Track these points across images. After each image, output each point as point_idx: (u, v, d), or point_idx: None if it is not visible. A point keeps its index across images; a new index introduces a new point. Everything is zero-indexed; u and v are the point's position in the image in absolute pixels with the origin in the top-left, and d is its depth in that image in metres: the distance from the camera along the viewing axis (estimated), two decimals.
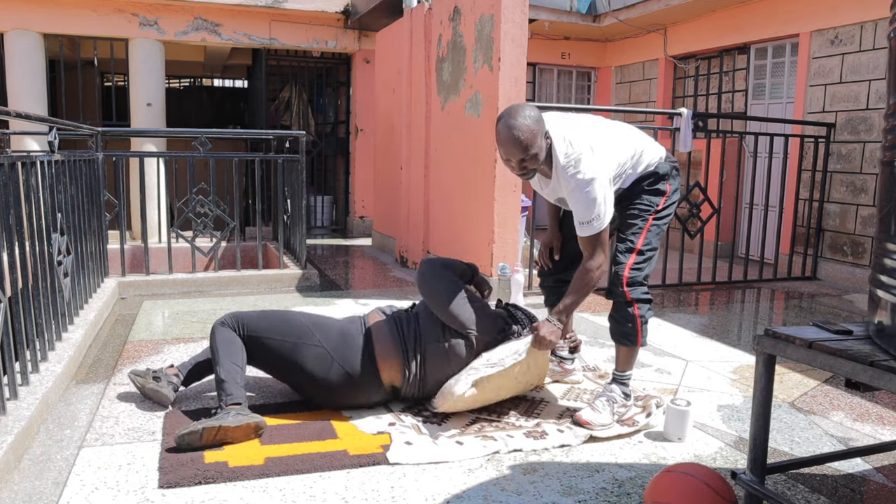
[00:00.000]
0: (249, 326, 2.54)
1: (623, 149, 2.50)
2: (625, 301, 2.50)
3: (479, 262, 4.77)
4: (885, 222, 1.64)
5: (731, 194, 6.35)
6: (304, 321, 2.58)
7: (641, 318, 2.51)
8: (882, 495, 2.10)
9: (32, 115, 2.90)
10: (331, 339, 2.51)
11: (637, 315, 2.50)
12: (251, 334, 2.52)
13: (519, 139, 2.28)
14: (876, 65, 5.46)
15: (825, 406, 2.84)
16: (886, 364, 1.49)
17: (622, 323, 2.53)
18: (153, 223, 6.42)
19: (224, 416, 2.25)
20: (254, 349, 2.53)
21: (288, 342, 2.50)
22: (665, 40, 7.82)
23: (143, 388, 2.62)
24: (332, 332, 2.55)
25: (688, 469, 1.83)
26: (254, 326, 2.54)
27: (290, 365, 2.52)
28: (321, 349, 2.49)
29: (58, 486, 1.98)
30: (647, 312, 2.53)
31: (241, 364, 2.46)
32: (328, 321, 2.63)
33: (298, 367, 2.50)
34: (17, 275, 2.49)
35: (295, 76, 9.52)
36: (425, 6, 5.66)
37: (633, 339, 2.54)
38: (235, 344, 2.49)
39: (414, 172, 5.90)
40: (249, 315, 2.59)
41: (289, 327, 2.54)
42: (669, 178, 2.60)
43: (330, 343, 2.50)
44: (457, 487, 2.04)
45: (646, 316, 2.53)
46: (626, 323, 2.52)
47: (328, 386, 2.50)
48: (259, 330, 2.53)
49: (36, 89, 7.39)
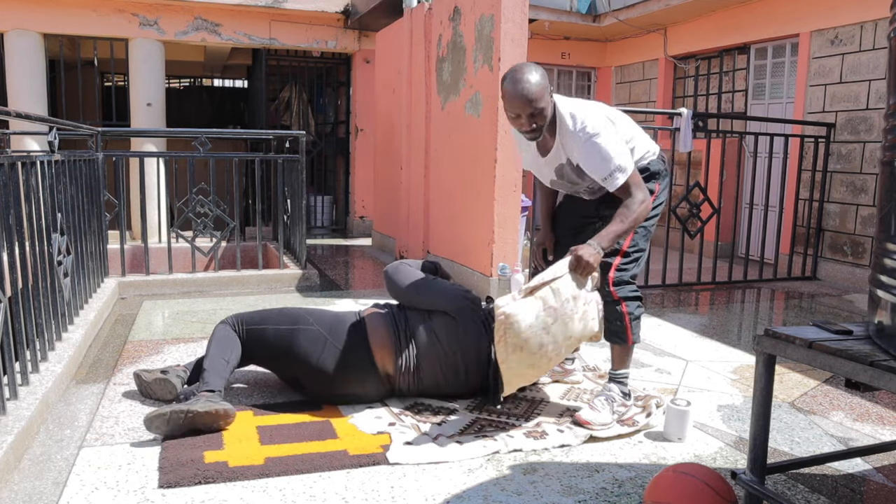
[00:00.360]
0: (248, 321, 2.66)
1: (624, 126, 2.51)
2: (612, 300, 2.52)
3: (479, 262, 4.77)
4: (885, 222, 1.64)
5: (731, 194, 6.35)
6: (300, 310, 2.71)
7: (630, 314, 2.53)
8: (882, 495, 2.10)
9: (32, 115, 2.90)
10: (325, 322, 2.61)
11: (625, 313, 2.52)
12: (249, 327, 2.63)
13: (527, 92, 2.28)
14: (876, 65, 5.46)
15: (825, 406, 2.84)
16: (886, 364, 1.48)
17: (611, 321, 2.55)
18: (153, 223, 6.42)
19: (194, 402, 2.31)
20: (253, 344, 2.61)
21: (283, 328, 2.60)
22: (665, 40, 7.82)
23: (148, 383, 2.65)
24: (326, 315, 2.67)
25: (688, 469, 1.83)
26: (252, 320, 2.67)
27: (286, 351, 2.58)
28: (315, 329, 2.58)
29: (58, 486, 1.98)
30: (636, 310, 2.55)
31: (228, 359, 2.53)
32: (324, 310, 2.74)
33: (293, 353, 2.56)
34: (17, 275, 2.49)
35: (295, 76, 9.52)
36: (425, 6, 5.66)
37: (624, 337, 2.55)
38: (229, 341, 2.59)
39: (414, 172, 5.90)
40: (249, 313, 2.73)
41: (284, 316, 2.66)
42: (660, 178, 2.60)
43: (324, 325, 2.60)
44: (457, 487, 2.04)
45: (634, 313, 2.54)
46: (615, 321, 2.54)
47: (323, 370, 2.53)
48: (256, 321, 2.65)
49: (36, 89, 7.39)
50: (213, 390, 2.41)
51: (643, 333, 3.84)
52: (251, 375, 2.97)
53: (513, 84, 2.30)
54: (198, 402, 2.29)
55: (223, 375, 2.48)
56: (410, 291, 2.71)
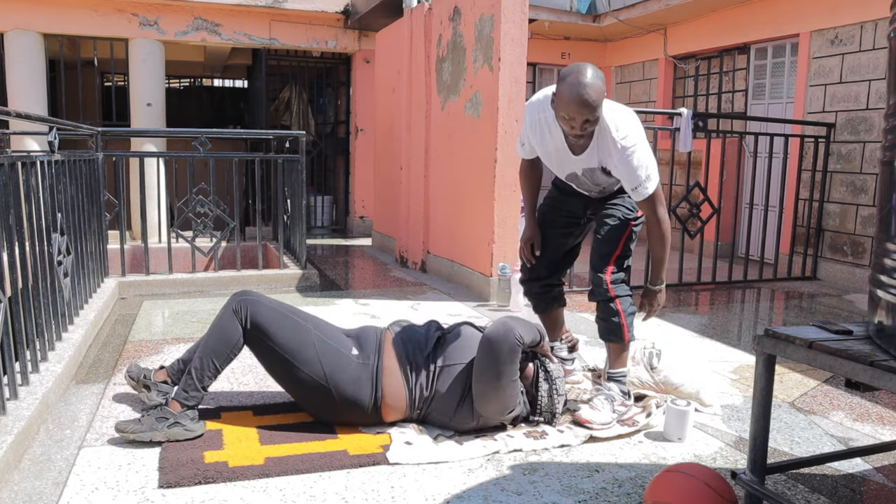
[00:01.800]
0: (257, 322, 2.34)
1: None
2: (608, 298, 2.55)
3: (479, 262, 4.77)
4: (885, 222, 1.64)
5: (731, 194, 6.35)
6: (312, 355, 2.32)
7: (625, 311, 2.55)
8: (882, 495, 2.10)
9: (32, 115, 2.90)
10: (340, 386, 2.30)
11: (620, 310, 2.55)
12: (255, 325, 2.33)
13: (591, 100, 2.22)
14: (876, 65, 5.46)
15: (825, 406, 2.84)
16: (886, 364, 1.48)
17: (607, 319, 2.57)
18: (153, 223, 6.42)
19: (161, 426, 2.21)
20: (254, 342, 2.38)
21: (289, 361, 2.32)
22: (665, 40, 7.82)
23: (133, 385, 2.61)
24: (343, 377, 2.31)
25: (688, 469, 1.83)
26: (262, 324, 2.33)
27: (285, 381, 2.41)
28: (326, 390, 2.31)
29: (58, 486, 1.98)
30: (629, 307, 2.58)
31: (221, 364, 2.33)
32: (340, 357, 2.34)
33: (290, 384, 2.39)
34: (17, 275, 2.49)
35: (295, 76, 9.52)
36: (425, 6, 5.66)
37: (620, 335, 2.57)
38: (230, 344, 2.33)
39: (414, 172, 5.90)
40: (265, 310, 2.36)
41: (292, 334, 2.33)
42: None
43: (338, 389, 2.30)
44: (457, 487, 2.04)
45: (629, 310, 2.57)
46: (611, 318, 2.56)
47: (321, 411, 2.40)
48: (264, 324, 2.33)
49: (36, 89, 7.39)
50: (190, 405, 2.28)
51: (643, 333, 3.84)
52: (251, 375, 2.97)
53: (576, 88, 2.21)
54: (162, 429, 2.21)
55: (205, 383, 2.31)
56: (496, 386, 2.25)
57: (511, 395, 2.28)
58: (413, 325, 2.56)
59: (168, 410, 2.26)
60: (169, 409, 2.27)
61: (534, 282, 2.87)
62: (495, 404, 2.28)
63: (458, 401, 2.33)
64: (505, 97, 4.44)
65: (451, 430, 2.39)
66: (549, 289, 2.87)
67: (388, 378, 2.34)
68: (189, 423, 2.26)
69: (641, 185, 2.39)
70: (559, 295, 2.91)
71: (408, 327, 2.52)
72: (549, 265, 2.83)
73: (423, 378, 2.36)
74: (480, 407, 2.29)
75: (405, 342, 2.42)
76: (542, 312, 2.93)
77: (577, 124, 2.28)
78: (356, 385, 2.31)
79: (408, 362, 2.37)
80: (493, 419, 2.36)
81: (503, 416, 2.36)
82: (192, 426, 2.27)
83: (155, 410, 2.28)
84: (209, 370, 2.32)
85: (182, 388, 2.31)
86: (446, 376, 2.35)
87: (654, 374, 2.75)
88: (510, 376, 2.24)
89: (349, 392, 2.31)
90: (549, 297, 2.89)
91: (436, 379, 2.36)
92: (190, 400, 2.29)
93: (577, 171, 2.58)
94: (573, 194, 2.74)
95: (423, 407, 2.38)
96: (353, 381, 2.31)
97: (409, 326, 2.53)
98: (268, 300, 2.41)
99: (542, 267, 2.83)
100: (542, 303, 2.90)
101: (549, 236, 2.80)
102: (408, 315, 4.23)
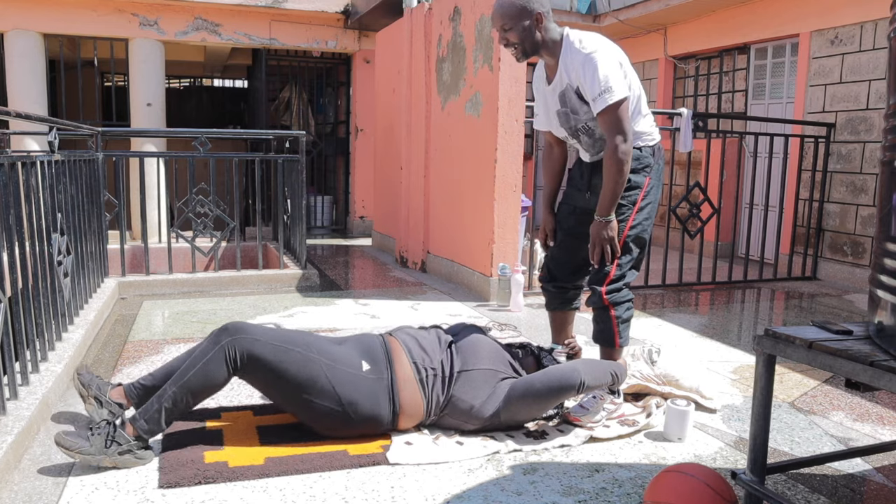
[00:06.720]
0: (257, 362, 2.16)
1: (633, 82, 2.49)
2: (602, 306, 2.56)
3: (479, 262, 4.78)
4: (885, 222, 1.64)
5: (731, 194, 6.35)
6: (325, 384, 2.20)
7: (618, 318, 2.55)
8: (882, 495, 2.10)
9: (32, 115, 2.90)
10: (358, 407, 2.23)
11: (613, 316, 2.55)
12: (254, 364, 2.16)
13: (498, 8, 2.44)
14: (876, 65, 5.46)
15: (825, 406, 2.84)
16: (886, 364, 1.48)
17: (599, 324, 2.60)
18: (153, 223, 6.42)
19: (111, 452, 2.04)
20: (252, 379, 2.24)
21: (300, 396, 2.20)
22: (665, 40, 7.82)
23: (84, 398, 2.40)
24: (359, 398, 2.23)
25: (688, 469, 1.83)
26: (264, 362, 2.16)
27: (293, 410, 2.30)
28: (344, 414, 2.23)
29: (58, 486, 1.98)
30: (624, 313, 2.57)
31: (195, 404, 2.18)
32: (353, 379, 2.25)
33: (304, 416, 2.28)
34: (17, 275, 2.49)
35: (295, 76, 9.52)
36: (425, 6, 5.66)
37: (612, 341, 2.59)
38: (213, 385, 2.15)
39: (414, 172, 5.90)
40: (263, 347, 2.17)
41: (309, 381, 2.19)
42: (650, 171, 2.55)
43: (355, 411, 2.23)
44: (457, 487, 2.04)
45: (623, 316, 2.56)
46: (603, 323, 2.58)
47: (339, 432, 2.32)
48: (271, 364, 2.16)
49: (36, 89, 7.39)
50: (144, 439, 2.10)
51: (643, 334, 3.84)
52: None
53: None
54: (112, 455, 2.05)
55: (171, 420, 2.13)
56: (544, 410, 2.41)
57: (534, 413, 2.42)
58: (419, 330, 2.52)
59: (123, 435, 2.06)
60: (124, 433, 2.07)
61: (548, 281, 2.86)
62: (528, 418, 2.44)
63: (474, 406, 2.33)
64: (505, 97, 4.44)
65: (453, 430, 2.39)
66: (564, 290, 2.83)
67: (403, 389, 2.30)
68: (140, 451, 2.10)
69: (602, 94, 2.34)
70: (573, 298, 2.86)
71: (416, 334, 2.47)
72: (562, 266, 2.80)
73: (439, 385, 2.34)
74: (514, 418, 2.38)
75: (416, 350, 2.38)
76: (552, 311, 2.90)
77: (500, 37, 2.49)
78: (373, 402, 2.26)
79: (423, 371, 2.34)
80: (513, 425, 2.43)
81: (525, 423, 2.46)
82: (143, 454, 2.10)
83: (106, 430, 2.06)
84: (181, 405, 2.13)
85: (143, 418, 2.10)
86: (463, 382, 2.34)
87: (654, 368, 2.76)
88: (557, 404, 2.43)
89: (367, 410, 2.25)
90: (562, 297, 2.85)
91: (452, 385, 2.34)
92: (147, 434, 2.10)
93: (557, 105, 2.55)
94: (577, 178, 2.74)
95: (438, 413, 2.37)
96: (370, 400, 2.25)
97: (416, 333, 2.48)
98: (261, 333, 2.21)
99: (556, 267, 2.82)
100: (553, 301, 2.87)
101: (561, 219, 2.80)
102: (408, 315, 4.23)
